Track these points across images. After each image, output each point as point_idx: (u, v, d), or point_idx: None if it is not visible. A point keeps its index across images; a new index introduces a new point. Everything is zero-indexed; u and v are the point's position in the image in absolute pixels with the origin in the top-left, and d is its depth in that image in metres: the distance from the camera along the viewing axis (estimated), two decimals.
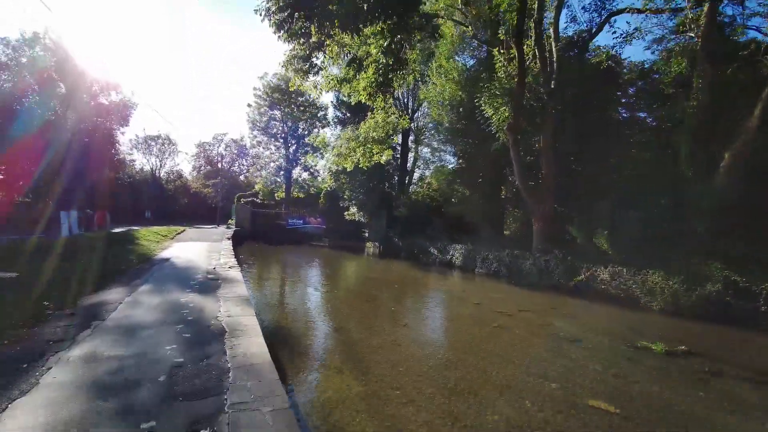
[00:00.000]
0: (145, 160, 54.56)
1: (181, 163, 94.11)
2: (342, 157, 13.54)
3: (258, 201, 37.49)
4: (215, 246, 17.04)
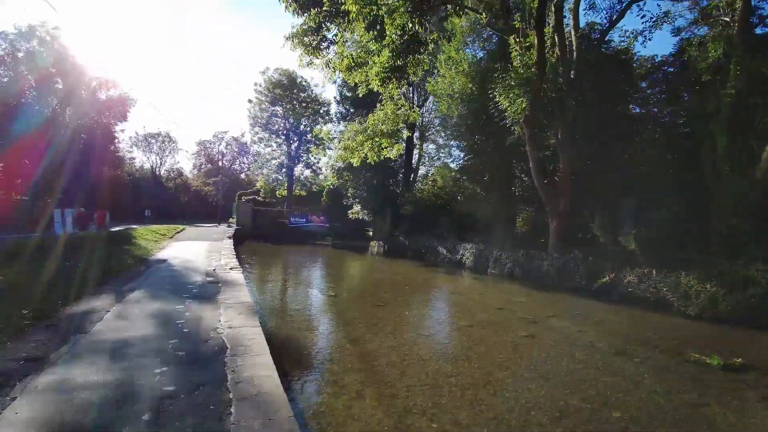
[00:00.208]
0: (145, 158, 53.96)
1: (181, 161, 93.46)
2: (349, 150, 12.68)
3: (259, 199, 36.73)
4: (215, 245, 16.32)
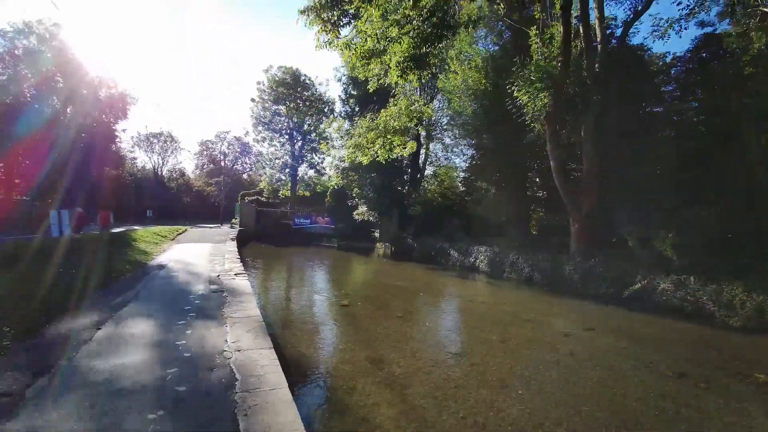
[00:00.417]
0: (147, 157, 53.36)
1: (183, 161, 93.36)
2: (360, 148, 11.90)
3: (263, 199, 35.98)
4: (218, 248, 15.57)
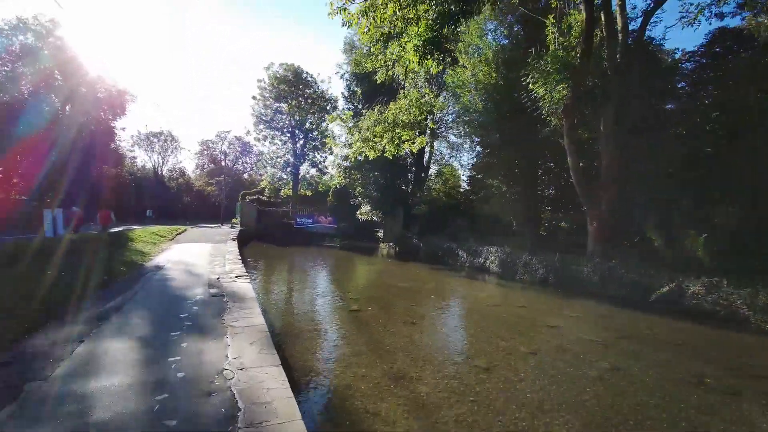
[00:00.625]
0: (147, 157, 52.81)
1: (183, 160, 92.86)
2: (367, 142, 11.28)
3: (264, 199, 35.37)
4: (219, 248, 14.97)
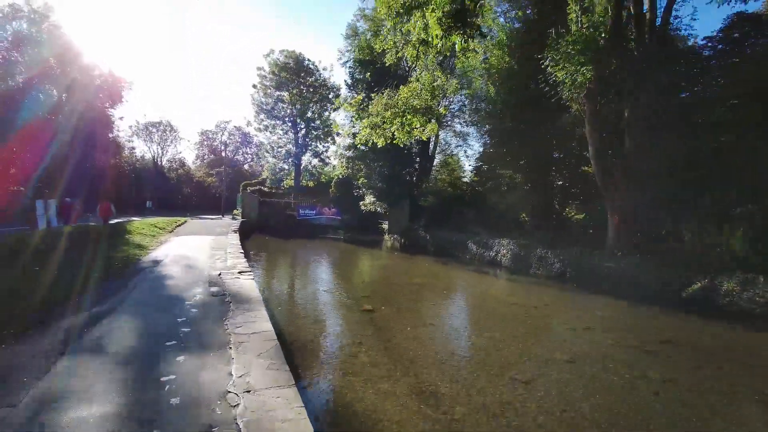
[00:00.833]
0: (146, 147, 52.09)
1: (183, 151, 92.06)
2: (376, 129, 10.54)
3: (265, 190, 34.70)
4: (220, 241, 14.37)
